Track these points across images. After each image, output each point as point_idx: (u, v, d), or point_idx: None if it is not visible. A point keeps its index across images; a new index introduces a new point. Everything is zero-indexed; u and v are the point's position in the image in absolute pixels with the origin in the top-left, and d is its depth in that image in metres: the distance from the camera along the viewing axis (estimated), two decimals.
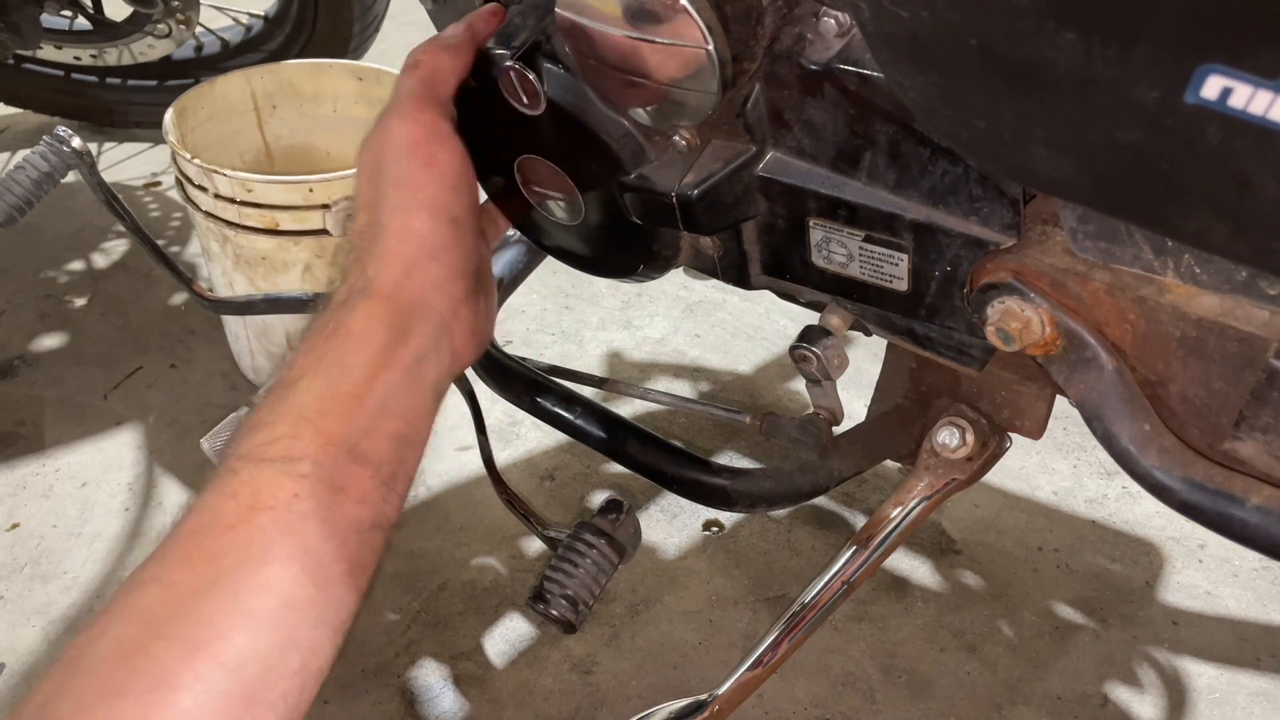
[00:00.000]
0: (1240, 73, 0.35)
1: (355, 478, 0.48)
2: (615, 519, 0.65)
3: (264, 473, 0.47)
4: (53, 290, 1.54)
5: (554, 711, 1.02)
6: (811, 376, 0.65)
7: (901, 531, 0.69)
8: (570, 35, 0.55)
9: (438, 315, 0.53)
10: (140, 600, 0.44)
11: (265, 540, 0.45)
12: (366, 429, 0.49)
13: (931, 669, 1.06)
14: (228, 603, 0.44)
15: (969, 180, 0.52)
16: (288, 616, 0.45)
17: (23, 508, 1.21)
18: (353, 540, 0.47)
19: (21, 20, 1.49)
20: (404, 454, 0.50)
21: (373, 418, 0.49)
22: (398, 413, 0.50)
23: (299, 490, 0.46)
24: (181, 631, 0.43)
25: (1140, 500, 1.23)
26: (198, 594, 0.44)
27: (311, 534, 0.46)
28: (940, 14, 0.41)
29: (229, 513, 0.46)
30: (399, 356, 0.51)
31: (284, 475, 0.47)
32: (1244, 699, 1.04)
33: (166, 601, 0.44)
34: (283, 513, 0.46)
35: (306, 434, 0.48)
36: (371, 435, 0.49)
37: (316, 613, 0.46)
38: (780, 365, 1.43)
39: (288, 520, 0.46)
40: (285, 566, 0.45)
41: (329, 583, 0.46)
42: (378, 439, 0.49)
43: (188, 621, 0.43)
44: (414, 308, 0.53)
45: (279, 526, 0.46)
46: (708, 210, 0.58)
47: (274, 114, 1.41)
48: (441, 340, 0.53)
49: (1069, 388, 0.55)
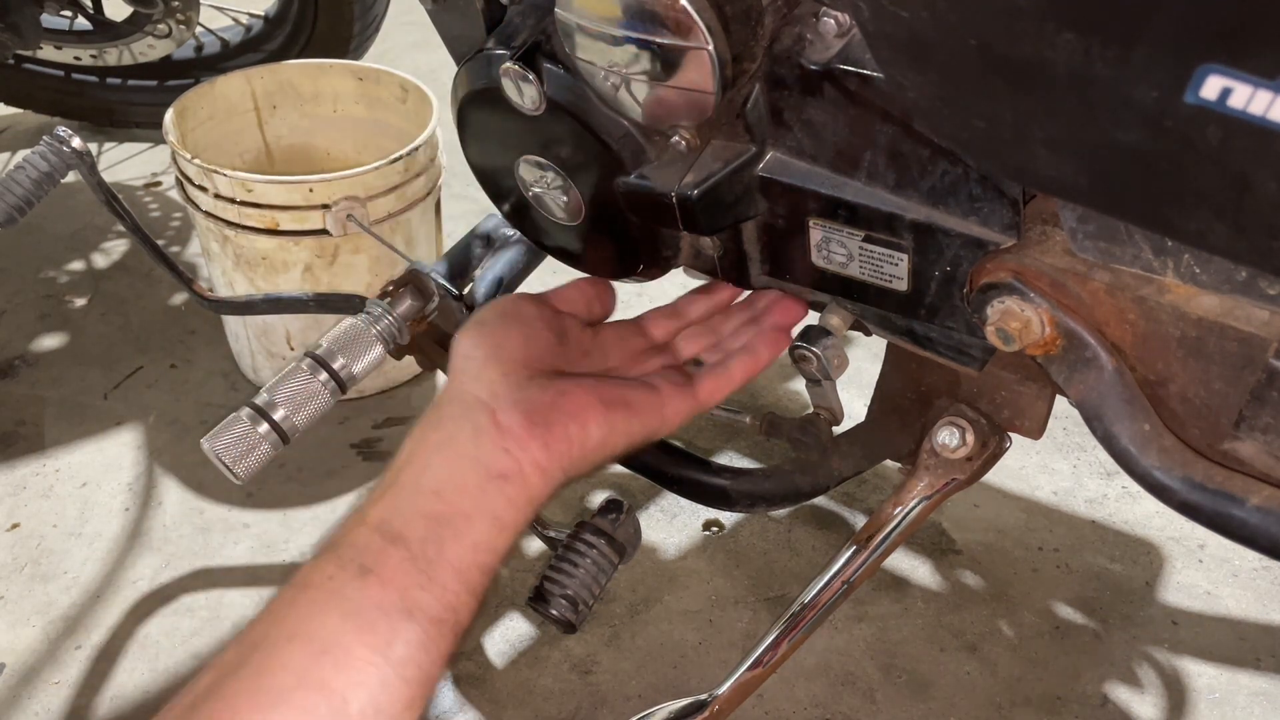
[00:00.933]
0: (1240, 73, 0.35)
1: (386, 558, 0.50)
2: (615, 519, 0.65)
3: (320, 558, 0.51)
4: (53, 290, 1.54)
5: (554, 711, 1.02)
6: (811, 376, 0.65)
7: (901, 531, 0.69)
8: (570, 35, 0.56)
9: (469, 395, 0.56)
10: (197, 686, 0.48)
11: (297, 619, 0.49)
12: (400, 509, 0.52)
13: (931, 669, 1.06)
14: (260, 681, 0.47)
15: (969, 180, 0.52)
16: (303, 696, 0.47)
17: (23, 508, 1.21)
18: (380, 624, 0.49)
19: (21, 20, 1.49)
20: (440, 533, 0.51)
21: (406, 498, 0.53)
22: (432, 489, 0.53)
23: (333, 572, 0.50)
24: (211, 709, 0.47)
25: (1140, 500, 1.23)
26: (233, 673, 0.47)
27: (335, 613, 0.49)
28: (940, 14, 0.41)
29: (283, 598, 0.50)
30: (429, 438, 0.55)
31: (327, 560, 0.51)
32: (1244, 699, 1.04)
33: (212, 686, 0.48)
34: (316, 592, 0.50)
35: (353, 520, 0.53)
36: (404, 515, 0.52)
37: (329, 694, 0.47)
38: (780, 365, 1.43)
39: (321, 599, 0.49)
40: (306, 645, 0.48)
41: (348, 665, 0.48)
42: (411, 518, 0.52)
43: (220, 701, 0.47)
44: (446, 398, 0.57)
45: (315, 605, 0.49)
46: (708, 210, 0.58)
47: (274, 114, 1.41)
48: (478, 417, 0.55)
49: (1069, 388, 0.55)
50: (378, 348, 0.76)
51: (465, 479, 0.53)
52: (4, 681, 1.04)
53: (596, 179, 0.61)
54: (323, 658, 0.47)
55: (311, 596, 0.50)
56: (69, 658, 1.06)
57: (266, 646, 0.48)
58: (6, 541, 1.18)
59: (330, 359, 0.74)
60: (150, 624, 1.09)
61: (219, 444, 0.70)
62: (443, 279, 0.83)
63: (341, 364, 0.74)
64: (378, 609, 0.49)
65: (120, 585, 1.13)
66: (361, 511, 0.53)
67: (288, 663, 0.47)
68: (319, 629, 0.48)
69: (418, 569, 0.50)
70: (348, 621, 0.48)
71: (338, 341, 0.75)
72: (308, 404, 0.72)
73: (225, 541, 1.18)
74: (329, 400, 0.73)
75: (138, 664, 1.06)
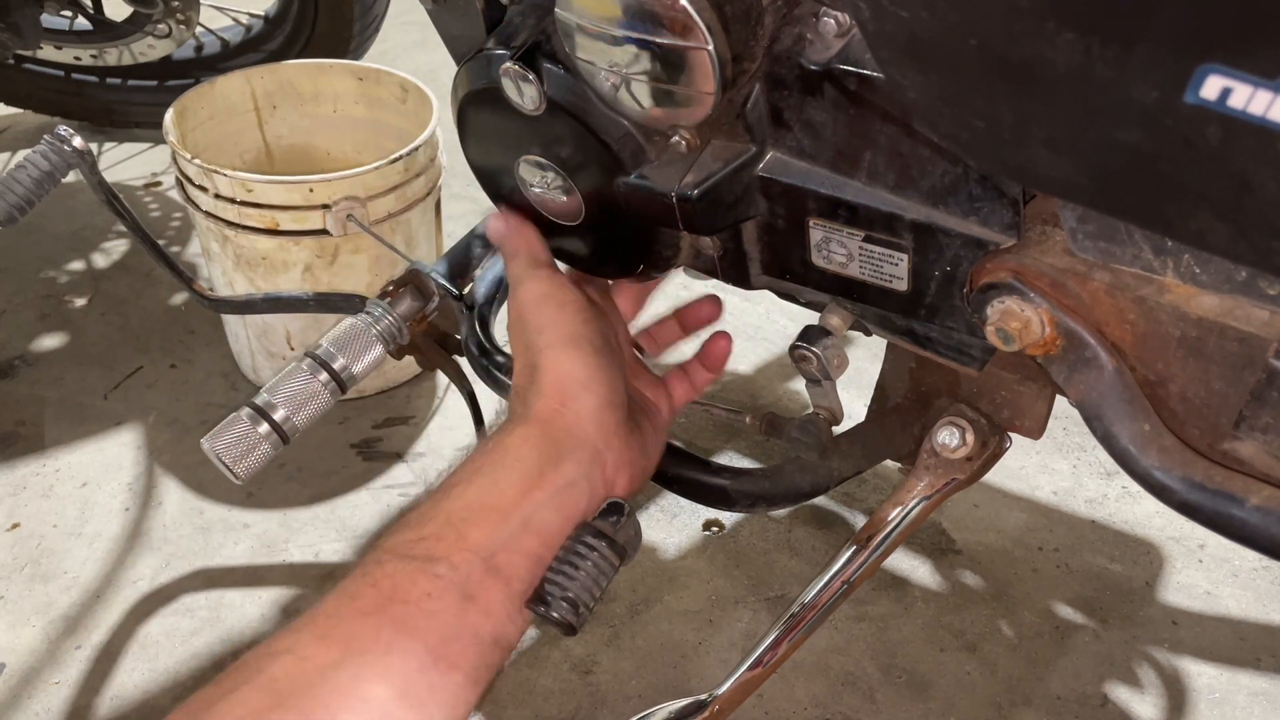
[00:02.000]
0: (1240, 73, 0.35)
1: (487, 589, 0.50)
2: (616, 521, 0.65)
3: (404, 568, 0.50)
4: (53, 290, 1.54)
5: (554, 711, 1.02)
6: (811, 376, 0.65)
7: (901, 531, 0.69)
8: (570, 35, 0.55)
9: (591, 445, 0.56)
10: (270, 669, 0.47)
11: (393, 632, 0.48)
12: (506, 543, 0.52)
13: (931, 669, 1.06)
14: (346, 685, 0.46)
15: (969, 180, 0.52)
16: (396, 709, 0.47)
17: (23, 508, 1.21)
18: (473, 650, 0.49)
19: (22, 20, 1.49)
20: (535, 573, 0.53)
21: (514, 534, 0.52)
22: (539, 532, 0.53)
23: (432, 590, 0.49)
24: (301, 706, 0.45)
25: (1140, 500, 1.23)
26: (322, 672, 0.47)
27: (435, 635, 0.48)
28: (940, 14, 0.41)
29: (367, 600, 0.49)
30: (549, 479, 0.54)
31: (421, 573, 0.50)
32: (1244, 699, 1.04)
33: (293, 675, 0.47)
34: (414, 608, 0.49)
35: (449, 538, 0.51)
36: (509, 550, 0.52)
37: (426, 712, 0.47)
38: (780, 365, 1.43)
39: (417, 617, 0.48)
40: (405, 660, 0.47)
41: (442, 686, 0.48)
42: (515, 554, 0.52)
43: (308, 697, 0.46)
44: (567, 435, 0.56)
45: (409, 621, 0.48)
46: (707, 210, 0.58)
47: (274, 114, 1.41)
48: (594, 470, 0.56)
49: (1069, 388, 0.55)
50: (378, 348, 0.76)
51: (566, 529, 0.55)
52: (4, 681, 1.04)
53: (596, 179, 0.61)
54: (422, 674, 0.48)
55: (408, 611, 0.49)
56: (69, 658, 1.06)
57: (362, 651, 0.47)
58: (6, 541, 1.18)
59: (330, 359, 0.74)
60: (150, 624, 1.09)
61: (219, 444, 0.70)
62: (443, 279, 0.83)
63: (341, 364, 0.74)
64: (475, 638, 0.50)
65: (120, 585, 1.13)
66: (457, 524, 0.52)
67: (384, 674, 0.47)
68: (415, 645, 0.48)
69: (513, 606, 0.52)
70: (447, 646, 0.49)
71: (338, 341, 0.75)
72: (308, 404, 0.72)
73: (225, 541, 1.18)
74: (329, 400, 0.73)
75: (138, 664, 1.06)
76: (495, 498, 0.53)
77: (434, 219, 1.32)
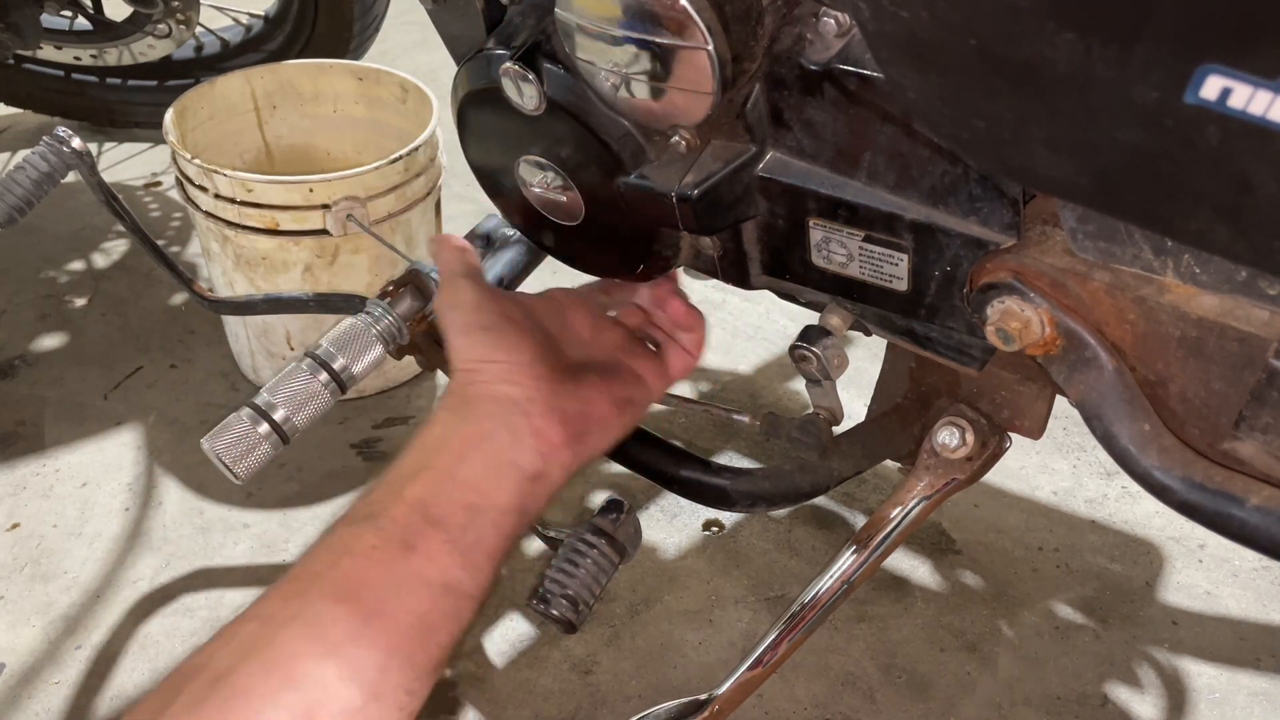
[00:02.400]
0: (1240, 73, 0.35)
1: (427, 538, 0.55)
2: (616, 519, 0.65)
3: (354, 529, 0.56)
4: (53, 290, 1.54)
5: (554, 711, 1.02)
6: (811, 376, 0.65)
7: (901, 531, 0.69)
8: (570, 35, 0.55)
9: (505, 399, 0.60)
10: (240, 632, 0.52)
11: (346, 583, 0.53)
12: (438, 496, 0.57)
13: (931, 669, 1.06)
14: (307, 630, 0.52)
15: (969, 180, 0.52)
16: (352, 650, 0.51)
17: (23, 508, 1.21)
18: (423, 594, 0.54)
19: (21, 20, 1.49)
20: (477, 522, 0.57)
21: (443, 486, 0.57)
22: (467, 482, 0.58)
23: (377, 542, 0.55)
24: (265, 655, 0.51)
25: (1140, 500, 1.23)
26: (284, 625, 0.52)
27: (381, 583, 0.53)
28: (940, 14, 0.41)
29: (322, 560, 0.55)
30: (466, 434, 0.59)
31: (367, 530, 0.55)
32: (1244, 699, 1.04)
33: (259, 633, 0.52)
34: (362, 560, 0.54)
35: (390, 497, 0.57)
36: (443, 501, 0.57)
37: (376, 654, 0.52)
38: (780, 365, 1.43)
39: (365, 566, 0.54)
40: (357, 606, 0.52)
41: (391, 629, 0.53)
42: (449, 504, 0.57)
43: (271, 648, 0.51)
44: (479, 397, 0.61)
45: (358, 572, 0.54)
46: (707, 210, 0.58)
47: (274, 114, 1.41)
48: (514, 419, 0.60)
49: (1069, 388, 0.55)
50: (378, 348, 0.76)
51: (502, 478, 0.58)
52: (4, 681, 1.04)
53: (596, 179, 0.61)
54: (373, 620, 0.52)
55: (357, 564, 0.54)
56: (69, 658, 1.06)
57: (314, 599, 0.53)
58: (6, 541, 1.18)
59: (330, 359, 0.74)
60: (150, 624, 1.09)
61: (219, 444, 0.70)
62: None
63: (341, 364, 0.74)
64: (421, 581, 0.54)
65: (120, 585, 1.13)
66: (394, 487, 0.57)
67: (339, 618, 0.52)
68: (366, 593, 0.53)
69: (458, 551, 0.56)
70: (394, 591, 0.53)
71: (338, 341, 0.75)
72: (308, 404, 0.72)
73: (225, 541, 1.18)
74: (329, 400, 0.73)
75: (138, 664, 1.06)
76: (424, 459, 0.58)
77: (434, 219, 1.32)
